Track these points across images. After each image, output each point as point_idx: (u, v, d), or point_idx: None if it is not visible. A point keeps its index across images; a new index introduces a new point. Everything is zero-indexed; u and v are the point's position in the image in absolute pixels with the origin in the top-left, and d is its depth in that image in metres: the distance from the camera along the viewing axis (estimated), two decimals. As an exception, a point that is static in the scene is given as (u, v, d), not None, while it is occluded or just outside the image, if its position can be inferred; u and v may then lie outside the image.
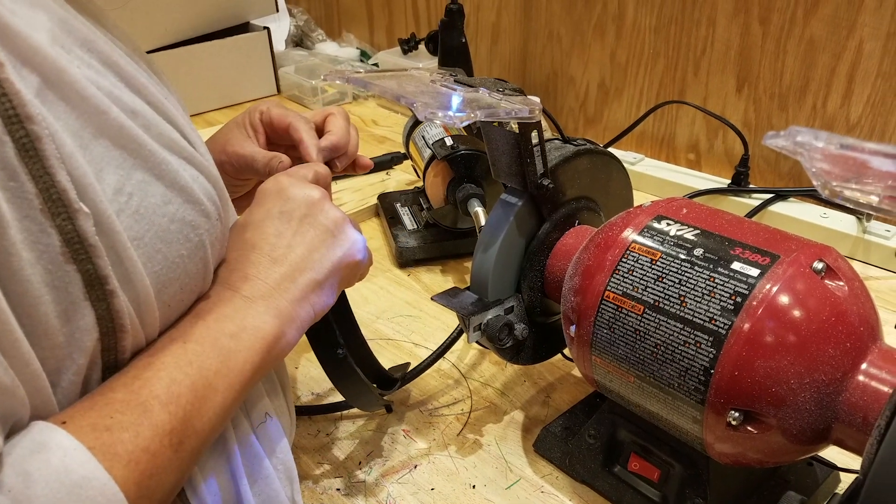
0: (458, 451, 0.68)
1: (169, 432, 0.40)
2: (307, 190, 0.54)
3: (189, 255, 0.44)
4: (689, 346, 0.49)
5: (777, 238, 0.51)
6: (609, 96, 1.28)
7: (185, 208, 0.43)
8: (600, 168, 0.67)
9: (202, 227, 0.45)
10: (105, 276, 0.38)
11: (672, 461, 0.57)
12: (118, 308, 0.39)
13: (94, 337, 0.39)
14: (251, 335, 0.46)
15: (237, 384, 0.44)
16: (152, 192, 0.41)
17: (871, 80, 0.98)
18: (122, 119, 0.40)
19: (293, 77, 1.52)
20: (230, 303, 0.47)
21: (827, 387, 0.47)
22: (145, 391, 0.40)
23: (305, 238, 0.52)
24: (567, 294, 0.59)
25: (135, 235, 0.40)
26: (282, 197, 0.53)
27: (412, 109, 0.43)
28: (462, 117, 0.44)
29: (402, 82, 0.51)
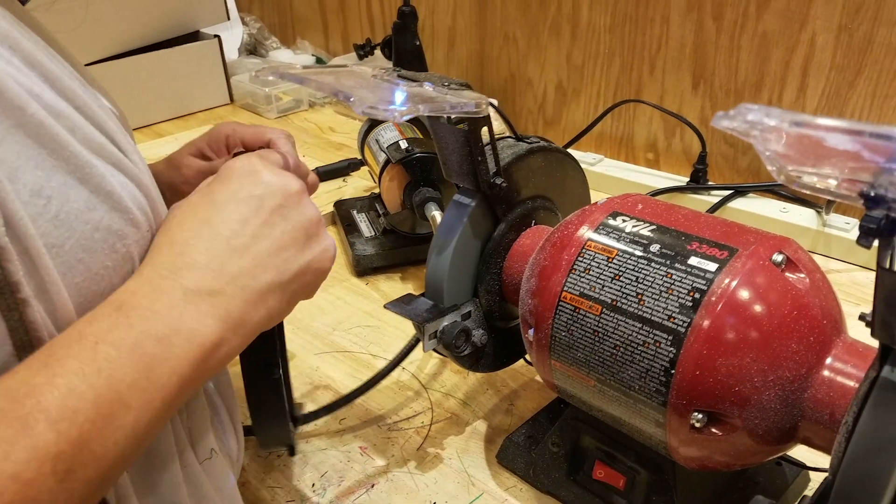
0: (417, 466, 0.65)
1: (54, 457, 0.31)
2: (285, 178, 0.47)
3: (115, 268, 0.40)
4: (648, 347, 0.47)
5: (735, 231, 0.50)
6: (567, 97, 1.27)
7: (112, 216, 0.40)
8: (555, 166, 0.65)
9: (130, 238, 0.41)
10: (16, 283, 0.34)
11: (637, 467, 0.55)
12: (32, 319, 0.35)
13: (7, 351, 0.35)
14: (185, 340, 0.38)
15: (158, 400, 0.36)
16: (74, 196, 0.38)
17: (824, 72, 0.98)
18: (43, 116, 0.37)
19: (247, 86, 1.49)
20: (165, 295, 0.39)
21: (791, 384, 0.45)
22: (30, 402, 0.32)
23: (274, 231, 0.44)
24: (524, 296, 0.57)
25: (53, 242, 0.36)
26: (253, 180, 0.45)
27: (349, 104, 0.41)
28: (403, 111, 0.41)
29: (340, 77, 0.48)
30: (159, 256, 0.41)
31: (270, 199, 0.45)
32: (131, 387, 0.35)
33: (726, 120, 0.28)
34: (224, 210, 0.43)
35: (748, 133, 0.28)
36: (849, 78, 0.97)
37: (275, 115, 1.46)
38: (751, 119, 0.27)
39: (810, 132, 0.27)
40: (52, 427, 0.32)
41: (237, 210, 0.43)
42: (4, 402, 0.32)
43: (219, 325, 0.40)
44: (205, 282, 0.40)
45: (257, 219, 0.44)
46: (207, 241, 0.42)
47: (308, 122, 1.45)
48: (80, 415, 0.33)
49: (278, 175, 0.46)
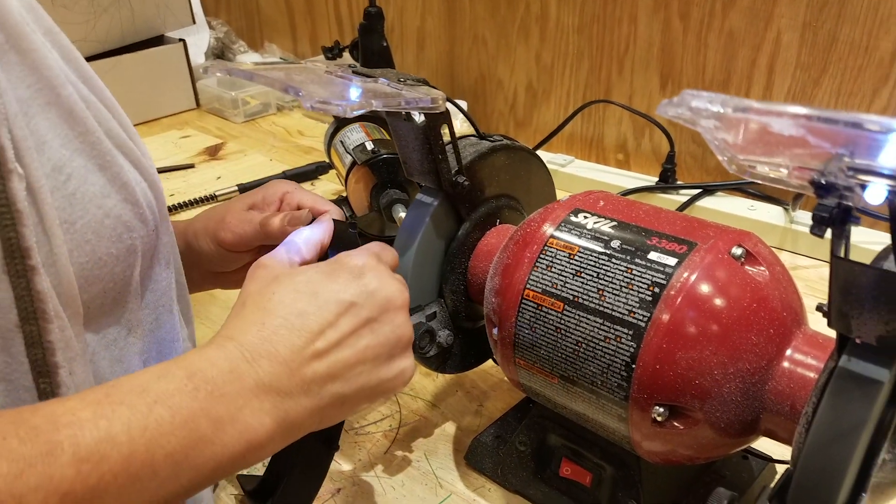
0: (385, 470, 0.65)
1: (63, 494, 0.30)
2: (391, 287, 0.46)
3: (118, 257, 0.41)
4: (609, 342, 0.47)
5: (694, 226, 0.50)
6: (537, 98, 1.27)
7: (124, 207, 0.41)
8: (519, 165, 0.65)
9: (137, 232, 0.42)
10: (28, 249, 0.35)
11: (603, 463, 0.55)
12: (40, 289, 0.35)
13: (12, 320, 0.35)
14: (237, 432, 0.37)
15: (186, 479, 0.35)
16: (92, 180, 0.40)
17: (790, 70, 0.99)
18: (75, 101, 0.39)
19: (214, 90, 1.47)
20: (238, 381, 0.38)
21: (752, 376, 0.45)
22: (67, 432, 0.31)
23: (359, 343, 0.43)
24: (488, 295, 0.57)
25: (66, 218, 0.38)
26: (360, 284, 0.45)
27: (299, 99, 0.40)
28: (354, 105, 0.41)
29: (291, 73, 0.48)
30: (247, 334, 0.40)
31: (367, 309, 0.44)
32: (168, 457, 0.34)
33: (671, 107, 0.28)
34: (322, 309, 0.43)
35: (694, 121, 0.28)
36: (814, 75, 0.98)
37: (242, 119, 1.45)
38: (695, 106, 0.27)
39: (754, 117, 0.27)
40: (75, 464, 0.31)
41: (333, 312, 0.43)
42: (43, 423, 0.31)
43: (273, 426, 0.39)
44: (279, 379, 0.39)
45: (347, 325, 0.43)
46: (296, 336, 0.41)
47: (276, 126, 1.44)
48: (107, 464, 0.32)
49: (387, 282, 0.46)
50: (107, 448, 0.32)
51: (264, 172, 1.20)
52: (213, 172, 1.25)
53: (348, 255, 0.47)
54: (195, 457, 0.35)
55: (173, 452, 0.34)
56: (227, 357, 0.39)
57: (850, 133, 0.26)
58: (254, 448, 0.38)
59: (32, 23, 0.39)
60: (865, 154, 0.28)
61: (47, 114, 0.38)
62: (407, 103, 0.46)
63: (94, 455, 0.31)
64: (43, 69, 0.38)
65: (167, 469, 0.34)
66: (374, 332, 0.44)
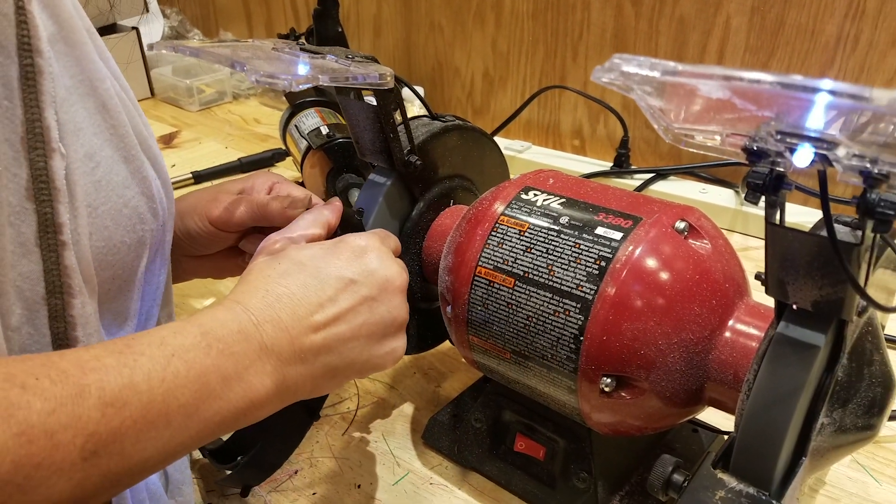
0: (342, 451, 0.65)
1: (89, 434, 0.32)
2: (391, 269, 0.48)
3: (130, 247, 0.44)
4: (558, 315, 0.48)
5: (640, 202, 0.51)
6: (494, 85, 1.28)
7: (141, 199, 0.44)
8: (472, 145, 0.66)
9: (148, 224, 0.45)
10: (61, 224, 0.37)
11: (556, 437, 0.56)
12: (68, 264, 0.38)
13: (39, 293, 0.37)
14: (242, 390, 0.39)
15: (195, 430, 0.37)
16: (117, 170, 0.42)
17: (739, 54, 1.01)
18: (111, 95, 0.42)
19: (168, 78, 1.45)
20: (245, 342, 0.40)
21: (696, 346, 0.46)
22: (94, 376, 0.33)
23: (356, 319, 0.45)
24: (442, 274, 0.57)
25: (90, 203, 0.40)
26: (362, 262, 0.47)
27: (244, 73, 0.40)
28: (300, 79, 0.41)
29: (238, 50, 0.47)
30: (253, 298, 0.42)
31: (366, 287, 0.46)
32: (182, 408, 0.36)
33: (603, 73, 0.29)
34: (324, 283, 0.45)
35: (628, 87, 0.29)
36: (762, 59, 1.00)
37: (197, 108, 1.43)
38: (626, 70, 0.28)
39: (682, 80, 0.27)
40: (101, 407, 0.32)
41: (333, 287, 0.45)
42: (71, 367, 0.33)
43: (272, 388, 0.41)
44: (280, 345, 0.41)
45: (346, 301, 0.45)
46: (298, 305, 0.43)
47: (232, 114, 1.42)
48: (128, 409, 0.34)
49: (387, 263, 0.48)
50: (129, 394, 0.34)
51: (220, 160, 1.19)
52: (167, 161, 1.22)
53: (353, 236, 0.49)
54: (204, 410, 0.37)
55: (186, 404, 0.36)
56: (235, 319, 0.41)
57: (775, 94, 0.26)
58: (254, 406, 0.40)
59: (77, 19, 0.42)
60: (792, 117, 0.29)
61: (85, 103, 0.41)
62: (354, 79, 0.46)
63: (117, 400, 0.33)
64: (85, 62, 0.41)
65: (179, 419, 0.36)
66: (371, 310, 0.46)
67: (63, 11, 0.40)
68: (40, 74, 0.37)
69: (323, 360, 0.44)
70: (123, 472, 0.34)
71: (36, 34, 0.37)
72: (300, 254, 0.47)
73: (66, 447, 0.31)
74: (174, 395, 0.36)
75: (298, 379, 0.43)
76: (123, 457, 0.34)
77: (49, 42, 0.38)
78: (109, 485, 0.34)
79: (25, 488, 0.30)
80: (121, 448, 0.33)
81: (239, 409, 0.39)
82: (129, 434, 0.34)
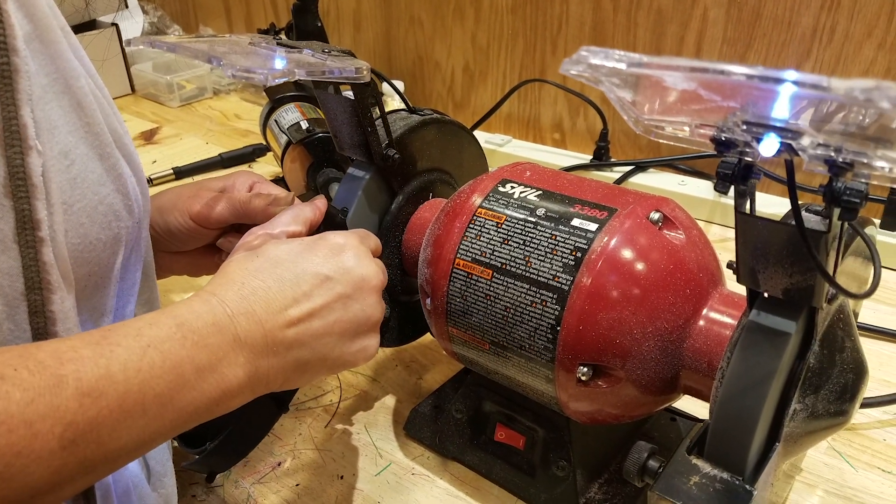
0: (325, 443, 0.65)
1: (67, 423, 0.33)
2: (368, 268, 0.49)
3: (105, 244, 0.44)
4: (535, 306, 0.48)
5: (616, 193, 0.51)
6: (474, 80, 1.28)
7: (116, 197, 0.44)
8: (450, 138, 0.66)
9: (124, 221, 0.45)
10: (38, 221, 0.38)
11: (535, 426, 0.56)
12: (46, 260, 0.38)
13: (18, 289, 0.38)
14: (215, 380, 0.40)
15: (169, 420, 0.38)
16: (92, 168, 0.42)
17: (717, 46, 1.02)
18: (85, 93, 0.42)
19: (149, 74, 1.44)
20: (219, 334, 0.41)
21: (670, 334, 0.47)
22: (71, 367, 0.34)
23: (330, 316, 0.46)
24: (421, 266, 0.57)
25: (66, 200, 0.40)
26: (338, 260, 0.48)
27: (220, 68, 0.40)
28: (276, 73, 0.41)
29: (215, 45, 0.47)
30: (228, 291, 0.43)
31: (341, 285, 0.47)
32: (157, 397, 0.37)
33: (571, 65, 0.29)
34: (299, 278, 0.45)
35: (597, 79, 0.29)
36: (740, 51, 1.01)
37: (178, 104, 1.42)
38: (593, 63, 0.28)
39: (648, 72, 0.28)
40: (78, 398, 0.33)
41: (309, 283, 0.46)
42: (48, 358, 0.34)
43: (245, 379, 0.42)
44: (253, 337, 0.42)
45: (320, 298, 0.46)
46: (273, 299, 0.44)
47: (212, 110, 1.42)
48: (105, 399, 0.34)
49: (363, 262, 0.49)
50: (105, 385, 0.35)
51: (200, 155, 1.18)
52: (148, 157, 1.22)
53: (332, 233, 0.50)
54: (179, 399, 0.38)
55: (161, 394, 0.37)
56: (210, 311, 0.41)
57: (739, 84, 0.27)
58: (227, 397, 0.41)
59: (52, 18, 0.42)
60: (758, 107, 0.30)
61: (60, 101, 0.41)
62: (331, 73, 0.46)
63: (94, 390, 0.34)
64: (60, 61, 0.41)
65: (155, 408, 0.37)
66: (345, 307, 0.47)
67: (38, 10, 0.40)
68: (17, 73, 0.37)
69: (295, 354, 0.45)
70: (100, 460, 0.35)
71: (12, 33, 0.37)
72: (278, 249, 0.47)
73: (44, 436, 0.32)
74: (150, 385, 0.36)
75: (270, 371, 0.43)
76: (100, 445, 0.34)
77: (25, 41, 0.39)
78: (87, 472, 0.35)
79: (5, 476, 0.31)
80: (98, 437, 0.34)
81: (212, 399, 0.40)
82: (106, 423, 0.34)
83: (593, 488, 0.56)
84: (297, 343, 0.44)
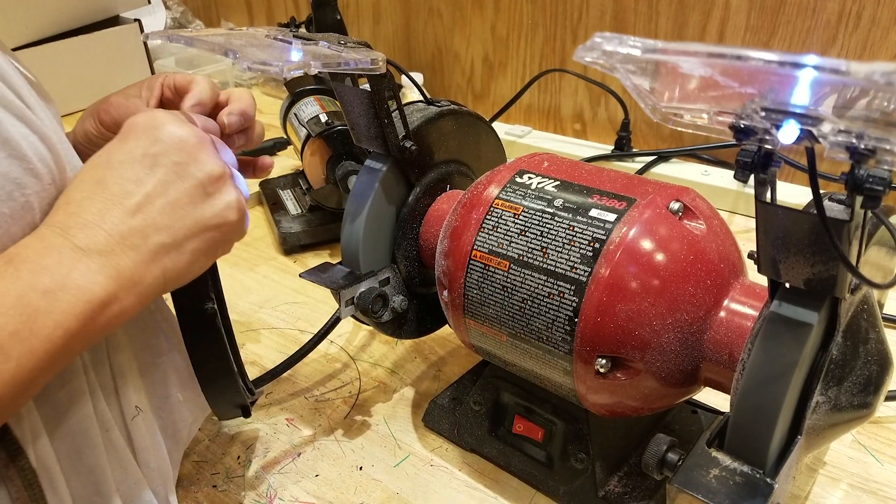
0: (344, 434, 0.65)
1: None
2: (183, 131, 0.46)
3: (13, 216, 0.40)
4: (553, 297, 0.48)
5: (635, 183, 0.51)
6: (494, 70, 1.27)
7: (10, 163, 0.40)
8: (467, 130, 0.66)
9: (30, 188, 0.41)
10: None
11: (554, 419, 0.56)
12: None
13: None
14: (71, 296, 0.39)
15: (41, 351, 0.37)
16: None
17: (740, 34, 1.00)
18: None
19: (171, 69, 1.45)
20: (55, 252, 0.39)
21: (690, 326, 0.46)
22: None
23: (169, 190, 0.44)
24: (438, 258, 0.57)
25: None
26: (151, 136, 0.45)
27: (236, 61, 0.40)
28: (292, 65, 0.41)
29: (231, 38, 0.47)
30: (55, 215, 0.41)
31: (166, 156, 0.44)
32: (12, 336, 0.36)
33: (585, 52, 0.29)
34: (118, 170, 0.43)
35: (612, 66, 0.29)
36: (763, 38, 0.99)
37: (200, 98, 1.43)
38: (607, 49, 0.28)
39: (663, 58, 0.27)
40: None
41: (131, 169, 0.43)
42: None
43: (109, 283, 0.40)
44: (95, 240, 0.41)
45: (152, 178, 0.44)
46: (100, 201, 0.42)
47: (234, 104, 1.42)
48: None
49: (177, 129, 0.46)
50: None
51: (222, 150, 1.19)
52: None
53: (135, 116, 0.46)
54: (39, 329, 0.37)
55: (16, 331, 0.36)
56: (40, 237, 0.40)
57: (757, 70, 0.26)
58: (97, 307, 0.40)
59: None
60: (778, 94, 0.29)
61: None
62: (346, 64, 0.46)
63: None
64: None
65: (16, 348, 0.36)
66: (180, 175, 0.45)
67: None
68: None
69: (154, 241, 0.43)
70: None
71: None
72: (92, 158, 0.45)
73: None
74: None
75: (135, 266, 0.42)
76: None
77: None
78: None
79: None
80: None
81: (82, 314, 0.39)
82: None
83: (612, 481, 0.55)
84: (148, 228, 0.43)
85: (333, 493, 0.59)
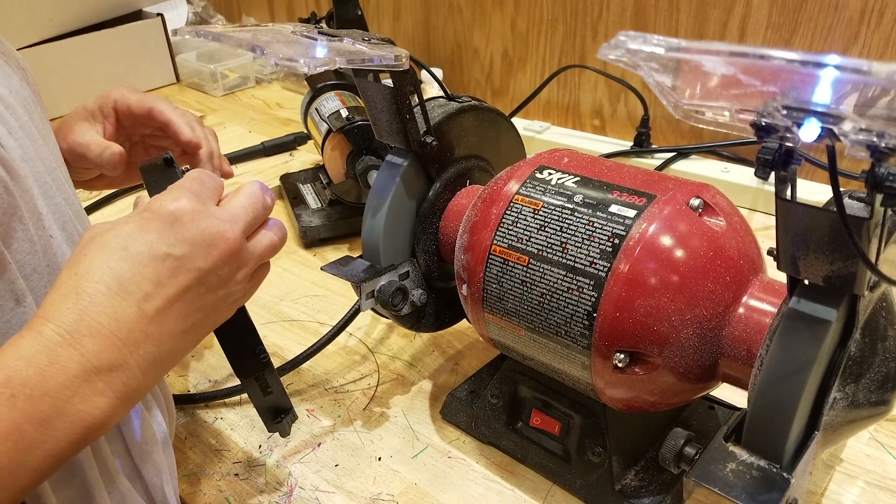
0: (363, 425, 0.66)
1: None
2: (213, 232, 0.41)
3: None
4: (572, 293, 0.48)
5: (655, 179, 0.51)
6: (513, 66, 1.27)
7: None
8: (488, 125, 0.66)
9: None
10: None
11: (571, 413, 0.57)
12: None
13: None
14: (70, 423, 0.35)
15: (26, 480, 0.34)
16: None
17: (761, 31, 1.00)
18: None
19: (193, 64, 1.47)
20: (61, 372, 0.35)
21: (709, 322, 0.47)
22: None
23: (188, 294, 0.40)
24: (458, 253, 0.58)
25: None
26: (175, 233, 0.40)
27: (263, 57, 0.41)
28: (318, 62, 0.42)
29: (258, 34, 0.48)
30: (63, 311, 0.36)
31: (191, 262, 0.40)
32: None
33: (609, 50, 0.29)
34: (137, 265, 0.39)
35: (636, 64, 0.29)
36: (785, 36, 0.99)
37: (222, 93, 1.45)
38: (631, 48, 0.28)
39: (687, 56, 0.28)
40: None
41: (152, 268, 0.39)
42: None
43: (112, 402, 0.37)
44: (107, 355, 0.36)
45: (174, 284, 0.39)
46: (117, 302, 0.37)
47: (255, 99, 1.44)
48: None
49: (204, 225, 0.41)
50: None
51: (243, 144, 1.20)
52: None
53: (160, 200, 0.42)
54: (28, 462, 0.34)
55: (3, 466, 0.33)
56: (44, 347, 0.35)
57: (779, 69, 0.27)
58: (93, 430, 0.36)
59: None
60: (799, 92, 0.29)
61: None
62: (370, 61, 0.46)
63: None
64: None
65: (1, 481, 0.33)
66: (201, 282, 0.41)
67: None
68: None
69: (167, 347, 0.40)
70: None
71: None
72: (105, 238, 0.40)
73: None
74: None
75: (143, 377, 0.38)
76: None
77: None
78: None
79: None
80: None
81: (76, 439, 0.35)
82: None
83: (629, 475, 0.56)
84: (164, 335, 0.39)
85: (353, 482, 0.60)
